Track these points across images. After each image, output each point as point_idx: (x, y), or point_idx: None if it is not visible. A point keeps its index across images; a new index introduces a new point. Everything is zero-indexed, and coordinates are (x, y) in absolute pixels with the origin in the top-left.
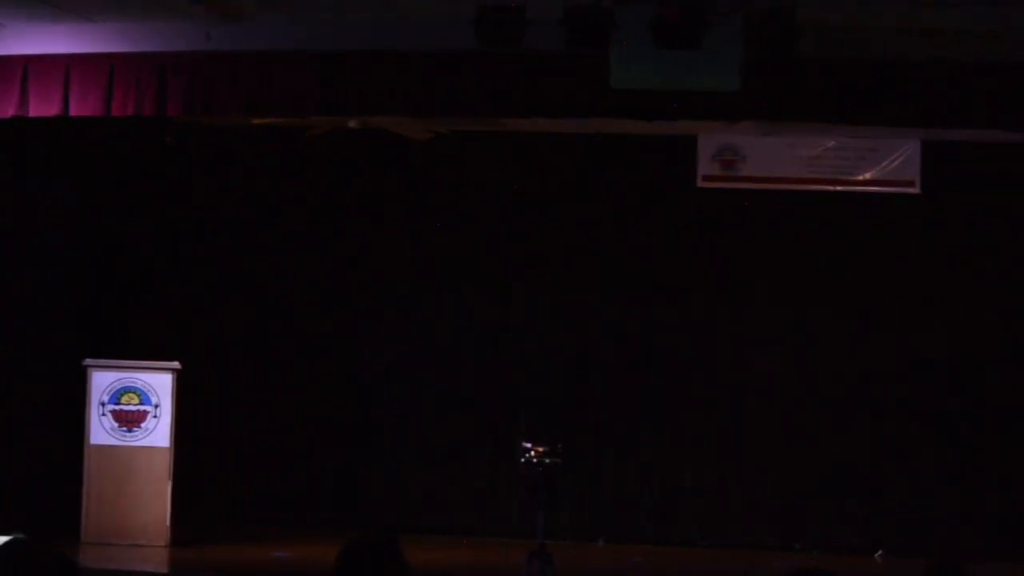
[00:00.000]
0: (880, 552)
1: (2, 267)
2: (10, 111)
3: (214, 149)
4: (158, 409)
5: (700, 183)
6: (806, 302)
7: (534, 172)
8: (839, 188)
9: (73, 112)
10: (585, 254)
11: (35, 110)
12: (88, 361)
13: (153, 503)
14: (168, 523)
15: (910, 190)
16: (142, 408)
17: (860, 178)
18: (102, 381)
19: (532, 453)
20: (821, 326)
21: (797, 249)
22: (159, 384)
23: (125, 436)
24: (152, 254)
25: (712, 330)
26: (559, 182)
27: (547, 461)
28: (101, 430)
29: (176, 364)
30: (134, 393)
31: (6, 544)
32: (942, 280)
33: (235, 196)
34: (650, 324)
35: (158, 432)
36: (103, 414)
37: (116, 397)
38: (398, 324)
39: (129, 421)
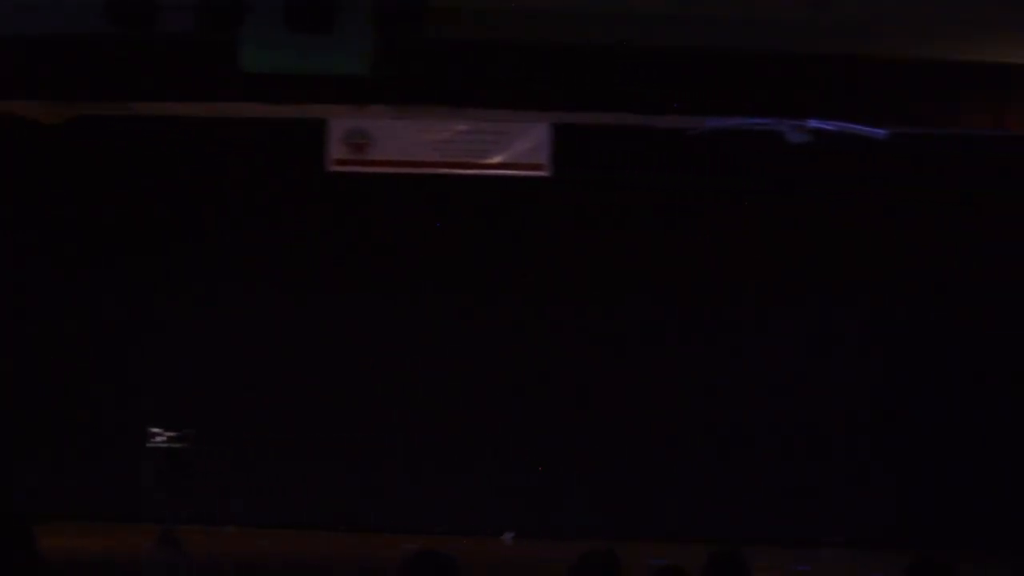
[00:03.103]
0: (509, 534)
1: None
2: None
3: None
4: None
5: (331, 167)
6: (446, 284)
7: (167, 156)
8: (470, 172)
9: None
10: (221, 238)
11: None
12: None
13: None
14: None
15: (540, 173)
16: None
17: (491, 161)
18: None
19: (162, 438)
20: (470, 310)
21: (433, 231)
22: None
23: None
24: None
25: (348, 314)
26: (192, 166)
27: (177, 446)
28: None
29: None
30: None
31: None
32: (573, 262)
33: None
34: (297, 307)
35: None
36: None
37: None
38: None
39: None
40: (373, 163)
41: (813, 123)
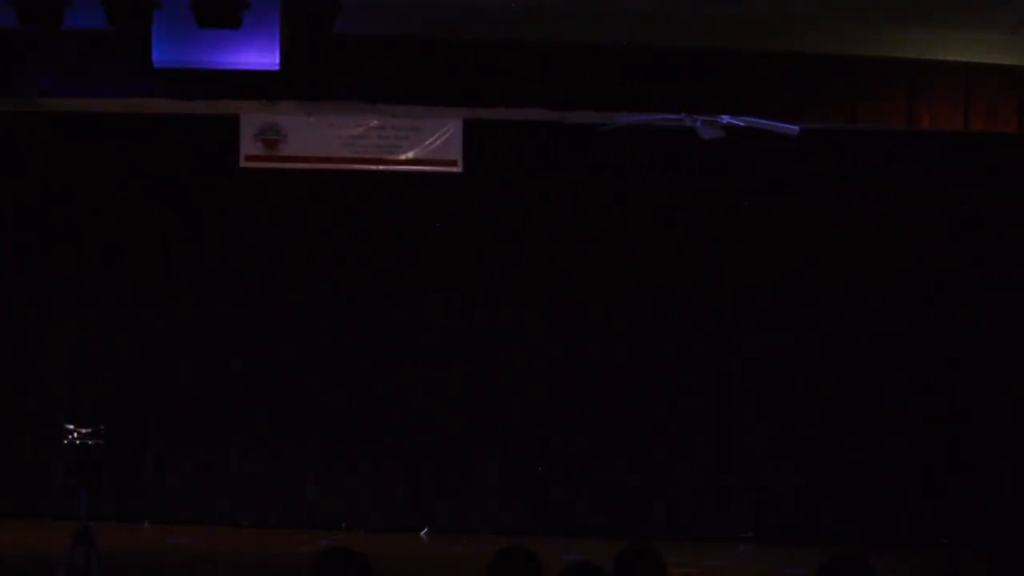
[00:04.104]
0: (426, 531)
1: None
2: None
3: None
4: None
5: (243, 163)
6: (359, 281)
7: (77, 153)
8: (382, 167)
9: None
10: (125, 234)
11: None
12: None
13: None
14: None
15: (452, 169)
16: None
17: (403, 157)
18: None
19: (75, 435)
20: (377, 306)
21: (347, 229)
22: None
23: None
24: None
25: (260, 315)
26: (109, 162)
27: (90, 443)
28: None
29: None
30: None
31: None
32: (485, 258)
33: None
34: (193, 306)
35: None
36: None
37: None
38: None
39: None
40: (285, 159)
41: (725, 119)
